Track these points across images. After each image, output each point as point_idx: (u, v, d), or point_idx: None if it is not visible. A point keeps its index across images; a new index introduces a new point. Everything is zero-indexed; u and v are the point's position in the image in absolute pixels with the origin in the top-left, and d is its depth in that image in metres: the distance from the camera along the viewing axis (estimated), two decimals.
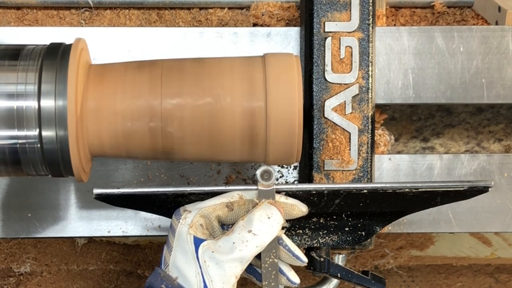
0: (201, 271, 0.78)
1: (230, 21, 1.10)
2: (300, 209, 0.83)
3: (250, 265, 0.83)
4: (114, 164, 1.01)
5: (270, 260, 0.81)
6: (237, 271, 0.78)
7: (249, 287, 1.44)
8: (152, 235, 1.02)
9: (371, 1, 0.94)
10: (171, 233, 0.81)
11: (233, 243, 0.77)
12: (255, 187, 0.81)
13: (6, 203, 1.00)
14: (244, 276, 0.84)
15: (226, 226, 0.82)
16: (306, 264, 0.83)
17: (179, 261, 0.79)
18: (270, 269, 0.81)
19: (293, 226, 0.89)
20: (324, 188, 0.84)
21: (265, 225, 0.78)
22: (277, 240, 0.81)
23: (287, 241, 0.82)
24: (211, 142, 0.82)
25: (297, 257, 0.82)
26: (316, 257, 0.92)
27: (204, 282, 0.77)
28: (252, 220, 0.79)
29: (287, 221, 0.83)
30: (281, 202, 0.82)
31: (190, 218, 0.80)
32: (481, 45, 1.01)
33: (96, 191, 0.81)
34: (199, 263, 0.78)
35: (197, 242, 0.79)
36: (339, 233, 0.90)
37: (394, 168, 1.03)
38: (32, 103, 0.79)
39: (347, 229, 0.90)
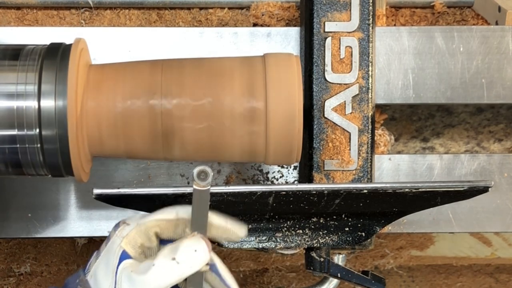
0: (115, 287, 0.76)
1: (230, 21, 1.10)
2: (237, 234, 0.80)
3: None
4: (114, 164, 1.01)
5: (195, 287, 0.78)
6: None
7: (249, 287, 1.44)
8: None
9: (371, 1, 0.94)
10: (106, 241, 0.79)
11: (153, 265, 0.75)
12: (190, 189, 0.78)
13: (6, 203, 1.00)
14: None
15: (166, 242, 0.79)
16: None
17: (99, 270, 0.77)
18: None
19: (293, 226, 0.89)
20: (324, 188, 0.83)
21: (190, 257, 0.76)
22: (209, 267, 0.78)
23: (221, 268, 0.79)
24: (211, 142, 0.82)
25: (228, 286, 0.79)
26: (316, 257, 0.92)
27: None
28: (178, 248, 0.76)
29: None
30: (217, 225, 0.79)
31: (126, 231, 0.78)
32: (481, 45, 1.01)
33: (96, 191, 0.81)
34: (115, 278, 0.76)
35: (123, 257, 0.77)
36: (339, 233, 0.90)
37: (394, 168, 1.03)
38: (32, 103, 0.79)
39: (347, 229, 0.90)
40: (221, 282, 0.79)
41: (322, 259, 0.92)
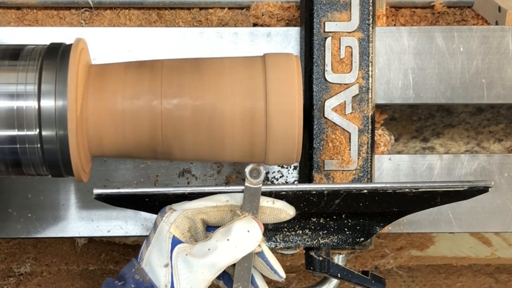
0: (172, 272, 0.77)
1: (230, 21, 1.10)
2: (288, 212, 0.83)
3: (225, 272, 0.82)
4: (114, 164, 1.01)
5: (243, 272, 0.79)
6: (208, 277, 0.77)
7: None
8: None
9: (371, 1, 0.94)
10: (153, 229, 0.81)
11: (208, 249, 0.77)
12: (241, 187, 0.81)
13: (6, 203, 1.00)
14: (214, 282, 0.83)
15: (212, 228, 0.81)
16: (283, 280, 0.82)
17: (153, 258, 0.78)
18: (242, 281, 0.79)
19: (293, 226, 0.89)
20: (324, 188, 0.83)
21: (243, 238, 0.78)
22: (256, 253, 0.80)
23: (268, 254, 0.81)
24: (211, 142, 0.82)
25: (275, 271, 0.81)
26: (316, 257, 0.92)
27: (172, 283, 0.77)
28: (231, 230, 0.78)
29: (275, 224, 0.83)
30: (267, 207, 0.82)
31: (174, 217, 0.79)
32: (481, 45, 1.01)
33: (96, 191, 0.81)
34: (171, 263, 0.77)
35: (175, 242, 0.78)
36: (339, 233, 0.90)
37: (394, 168, 1.03)
38: (32, 103, 0.79)
39: (347, 229, 0.90)
40: (268, 267, 0.81)
41: (322, 259, 0.92)
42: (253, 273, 0.81)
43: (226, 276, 0.82)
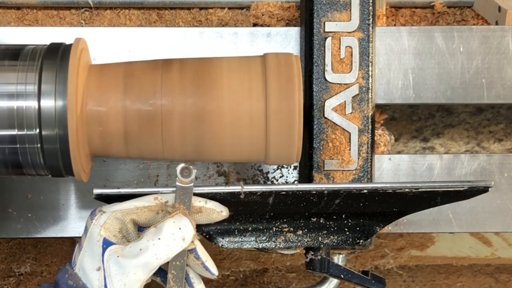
0: (104, 275, 0.76)
1: (230, 21, 1.10)
2: (219, 212, 0.82)
3: (161, 268, 0.81)
4: (114, 164, 1.01)
5: (177, 271, 0.79)
6: (141, 278, 0.77)
7: (250, 287, 1.44)
8: None
9: (371, 1, 0.94)
10: (84, 232, 0.80)
11: (140, 249, 0.76)
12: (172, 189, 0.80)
13: (6, 203, 1.00)
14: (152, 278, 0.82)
15: (144, 229, 0.80)
16: (215, 277, 0.81)
17: (86, 261, 0.78)
18: (175, 279, 0.79)
19: (293, 226, 0.89)
20: (324, 188, 0.83)
21: (175, 235, 0.77)
22: (189, 250, 0.79)
23: (200, 251, 0.80)
24: (211, 142, 0.82)
25: (207, 269, 0.80)
26: (316, 257, 0.92)
27: (105, 286, 0.76)
28: (162, 228, 0.77)
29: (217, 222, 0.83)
30: (198, 207, 0.81)
31: (103, 219, 0.79)
32: (481, 45, 1.01)
33: (96, 191, 0.81)
34: (103, 266, 0.77)
35: (106, 244, 0.78)
36: (339, 233, 0.90)
37: (394, 168, 1.03)
38: (32, 103, 0.79)
39: (347, 229, 0.90)
40: (201, 265, 0.80)
41: (322, 259, 0.92)
42: (187, 270, 0.80)
43: (162, 272, 0.81)
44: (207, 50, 1.01)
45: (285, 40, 1.02)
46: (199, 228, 0.84)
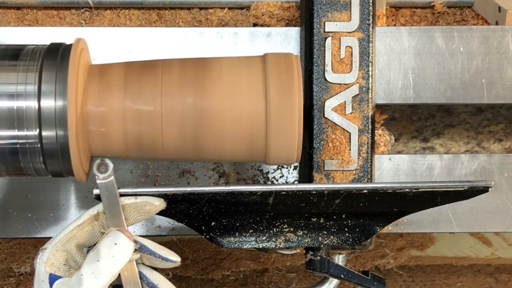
0: None
1: (230, 21, 1.10)
2: (153, 204, 0.80)
3: (116, 286, 0.81)
4: (114, 164, 1.01)
5: (130, 283, 0.79)
6: None
7: (250, 287, 1.44)
8: (152, 235, 1.02)
9: (371, 1, 0.94)
10: (34, 275, 0.79)
11: (81, 275, 0.75)
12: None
13: (6, 203, 1.00)
14: None
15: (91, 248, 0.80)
16: (179, 263, 0.80)
17: None
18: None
19: (293, 226, 0.89)
20: (324, 188, 0.83)
21: (112, 253, 0.76)
22: (140, 250, 0.79)
23: (151, 245, 0.79)
24: (211, 142, 0.82)
25: (166, 259, 0.79)
26: (316, 257, 0.92)
27: None
28: (100, 250, 0.77)
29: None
30: (130, 204, 0.80)
31: (46, 256, 0.78)
32: (481, 45, 1.01)
33: (96, 191, 0.81)
34: None
35: (53, 280, 0.77)
36: (339, 233, 0.90)
37: (394, 168, 1.03)
38: (32, 103, 0.79)
39: (347, 229, 0.90)
40: (158, 259, 0.80)
41: (322, 259, 0.92)
42: (145, 274, 0.80)
43: (118, 287, 0.81)
44: (207, 50, 1.01)
45: (285, 40, 1.02)
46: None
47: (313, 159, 0.93)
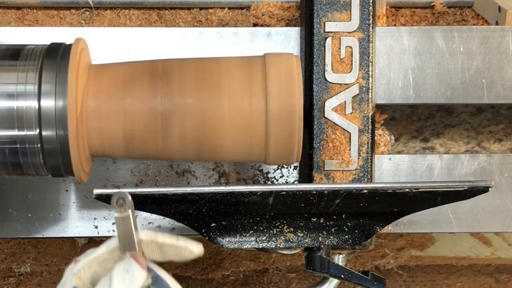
0: None
1: (230, 21, 1.10)
2: (191, 251, 0.75)
3: None
4: (114, 164, 1.01)
5: None
6: None
7: (250, 287, 1.44)
8: None
9: (371, 1, 0.94)
10: (60, 280, 0.78)
11: None
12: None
13: (6, 203, 1.00)
14: None
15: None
16: None
17: None
18: None
19: (293, 226, 0.89)
20: (324, 188, 0.83)
21: (124, 280, 0.74)
22: (152, 280, 0.75)
23: (166, 277, 0.76)
24: (211, 142, 0.82)
25: None
26: (316, 257, 0.92)
27: None
28: (112, 276, 0.75)
29: None
30: (169, 244, 0.76)
31: (77, 268, 0.76)
32: (481, 45, 1.01)
33: (96, 191, 0.81)
34: None
35: None
36: (339, 233, 0.90)
37: (394, 168, 1.03)
38: (32, 103, 0.79)
39: (347, 229, 0.90)
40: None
41: (322, 259, 0.92)
42: None
43: None
44: (207, 50, 1.01)
45: (285, 40, 1.02)
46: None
47: (313, 159, 0.93)
